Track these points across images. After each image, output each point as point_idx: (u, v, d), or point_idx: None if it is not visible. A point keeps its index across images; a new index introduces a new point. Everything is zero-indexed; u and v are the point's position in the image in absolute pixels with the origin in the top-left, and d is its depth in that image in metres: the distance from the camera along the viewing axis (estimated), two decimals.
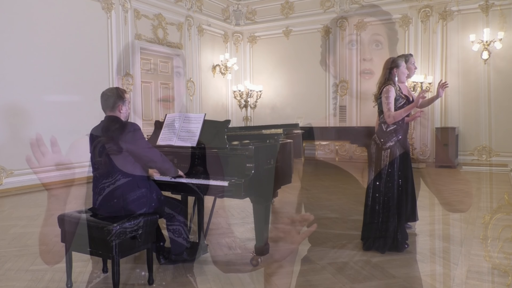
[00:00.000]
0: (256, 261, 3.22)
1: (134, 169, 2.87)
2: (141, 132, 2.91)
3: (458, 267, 3.14)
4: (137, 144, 2.83)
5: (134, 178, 2.86)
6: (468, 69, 8.86)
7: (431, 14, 9.15)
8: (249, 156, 3.01)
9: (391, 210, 3.54)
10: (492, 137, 8.67)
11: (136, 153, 2.84)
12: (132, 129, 2.85)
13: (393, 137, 3.60)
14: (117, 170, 2.82)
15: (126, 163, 2.83)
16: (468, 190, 6.31)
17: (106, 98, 2.93)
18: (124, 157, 2.82)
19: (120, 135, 2.80)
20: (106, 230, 2.61)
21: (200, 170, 3.23)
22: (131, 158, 2.85)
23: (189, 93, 10.06)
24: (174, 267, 3.18)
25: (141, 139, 2.87)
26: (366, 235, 3.63)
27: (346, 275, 3.04)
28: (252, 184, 2.99)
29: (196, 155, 3.24)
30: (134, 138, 2.83)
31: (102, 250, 2.69)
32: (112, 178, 2.82)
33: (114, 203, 2.81)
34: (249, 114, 11.43)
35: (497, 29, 8.44)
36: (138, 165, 2.90)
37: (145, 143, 2.90)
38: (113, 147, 2.79)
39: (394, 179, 3.56)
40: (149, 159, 2.91)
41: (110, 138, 2.80)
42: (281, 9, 11.02)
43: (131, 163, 2.85)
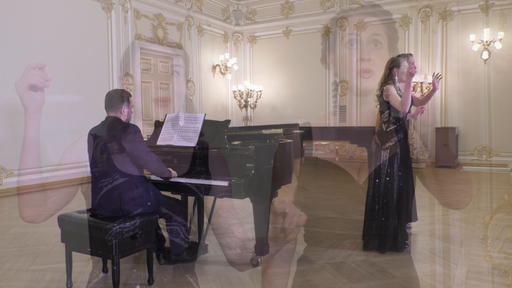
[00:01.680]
0: (256, 261, 3.22)
1: (132, 169, 2.87)
2: (141, 135, 2.92)
3: (458, 267, 3.14)
4: (136, 146, 2.83)
5: (132, 178, 2.86)
6: (468, 69, 8.86)
7: (431, 14, 9.15)
8: (249, 156, 3.01)
9: (391, 210, 3.54)
10: (492, 137, 8.66)
11: (134, 154, 2.84)
12: (132, 130, 2.85)
13: (393, 137, 3.61)
14: (115, 169, 2.82)
15: (124, 163, 2.83)
16: (468, 190, 6.31)
17: (110, 98, 2.94)
18: (123, 157, 2.82)
19: (120, 135, 2.81)
20: (106, 230, 2.62)
21: (200, 170, 3.23)
22: (127, 159, 2.85)
23: (189, 93, 10.06)
24: (174, 267, 3.18)
25: (140, 141, 2.87)
26: (367, 234, 3.64)
27: (345, 275, 3.04)
28: (252, 184, 2.99)
29: (196, 155, 3.24)
30: (133, 139, 2.83)
31: (102, 250, 2.68)
32: (110, 177, 2.83)
33: (112, 202, 2.81)
34: (249, 114, 11.43)
35: (497, 29, 8.44)
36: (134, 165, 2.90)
37: (143, 146, 2.89)
38: (112, 147, 2.79)
39: (393, 179, 3.57)
40: (145, 163, 2.90)
41: (110, 137, 2.80)
42: (281, 9, 11.02)
43: (129, 163, 2.85)
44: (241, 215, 4.85)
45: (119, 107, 2.93)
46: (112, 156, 2.80)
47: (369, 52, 9.81)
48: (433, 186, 6.71)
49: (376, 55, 9.68)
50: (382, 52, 9.62)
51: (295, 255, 3.46)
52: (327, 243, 3.79)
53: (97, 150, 2.83)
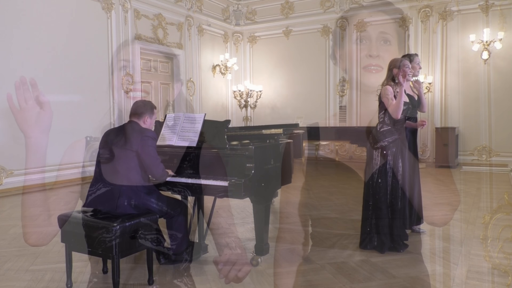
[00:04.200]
0: (256, 261, 3.22)
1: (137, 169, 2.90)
2: (155, 142, 2.99)
3: (458, 267, 3.14)
4: (146, 150, 2.89)
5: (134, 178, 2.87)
6: (468, 69, 8.86)
7: (431, 14, 9.15)
8: (249, 156, 3.01)
9: (383, 210, 3.56)
10: (492, 137, 8.66)
11: (141, 157, 2.89)
12: (150, 134, 2.95)
13: (386, 137, 3.60)
14: (119, 170, 2.83)
15: (131, 163, 2.87)
16: (468, 190, 6.31)
17: (137, 106, 3.07)
18: (130, 158, 2.86)
19: (136, 136, 2.89)
20: (106, 230, 2.61)
21: (200, 170, 3.22)
22: (136, 159, 2.89)
23: (189, 93, 10.06)
24: (174, 267, 3.18)
25: (152, 146, 2.93)
26: (362, 233, 3.66)
27: (346, 275, 3.04)
28: (252, 184, 2.99)
29: (196, 155, 3.24)
30: (147, 143, 2.89)
31: (102, 250, 2.68)
32: (113, 177, 2.83)
33: (112, 202, 2.82)
34: (249, 114, 11.43)
35: (497, 29, 8.43)
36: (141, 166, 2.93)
37: (154, 153, 2.94)
38: (124, 146, 2.86)
39: (386, 178, 3.57)
40: (150, 170, 2.96)
41: (125, 137, 2.89)
42: (281, 9, 11.02)
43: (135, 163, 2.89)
44: (241, 215, 4.85)
45: (143, 116, 3.04)
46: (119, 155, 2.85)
47: (369, 52, 9.80)
48: (433, 186, 6.70)
49: (377, 55, 9.68)
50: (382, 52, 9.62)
51: (295, 255, 3.46)
52: (327, 243, 3.79)
53: (106, 149, 2.90)
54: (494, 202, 5.47)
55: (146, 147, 2.88)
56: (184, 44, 9.88)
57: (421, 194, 4.14)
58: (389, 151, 3.59)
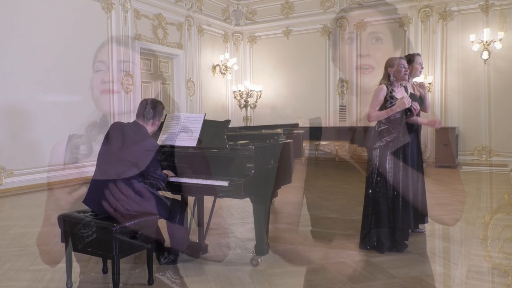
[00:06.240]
0: (256, 261, 3.22)
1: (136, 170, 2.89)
2: (155, 154, 2.92)
3: (458, 267, 3.14)
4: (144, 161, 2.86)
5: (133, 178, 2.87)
6: (468, 69, 8.86)
7: (431, 14, 9.15)
8: (249, 156, 3.01)
9: (382, 209, 3.55)
10: (492, 137, 8.67)
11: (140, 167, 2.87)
12: (152, 148, 2.88)
13: (384, 137, 3.60)
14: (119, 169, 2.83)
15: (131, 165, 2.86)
16: (468, 190, 6.31)
17: (146, 108, 3.01)
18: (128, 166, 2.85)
19: (138, 141, 2.86)
20: (106, 230, 2.61)
21: (200, 170, 3.22)
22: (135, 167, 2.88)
23: (189, 93, 10.06)
24: (174, 267, 3.18)
25: (154, 160, 2.89)
26: (362, 232, 3.66)
27: (346, 275, 3.04)
28: (252, 184, 2.99)
29: (196, 155, 3.24)
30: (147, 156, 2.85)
31: (102, 250, 2.68)
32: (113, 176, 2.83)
33: (111, 202, 2.81)
34: (249, 114, 11.43)
35: (497, 29, 8.44)
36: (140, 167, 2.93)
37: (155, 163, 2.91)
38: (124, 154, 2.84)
39: (385, 178, 3.57)
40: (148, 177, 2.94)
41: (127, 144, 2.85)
42: (281, 9, 11.02)
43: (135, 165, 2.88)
44: (241, 215, 4.85)
45: (154, 119, 3.02)
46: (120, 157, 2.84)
47: (369, 52, 9.80)
48: (433, 186, 6.70)
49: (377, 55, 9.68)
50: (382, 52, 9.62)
51: (295, 255, 3.46)
52: (327, 243, 3.79)
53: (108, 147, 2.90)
54: (494, 202, 5.47)
55: (146, 161, 2.85)
56: (184, 44, 9.88)
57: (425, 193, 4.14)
58: (388, 150, 3.58)
